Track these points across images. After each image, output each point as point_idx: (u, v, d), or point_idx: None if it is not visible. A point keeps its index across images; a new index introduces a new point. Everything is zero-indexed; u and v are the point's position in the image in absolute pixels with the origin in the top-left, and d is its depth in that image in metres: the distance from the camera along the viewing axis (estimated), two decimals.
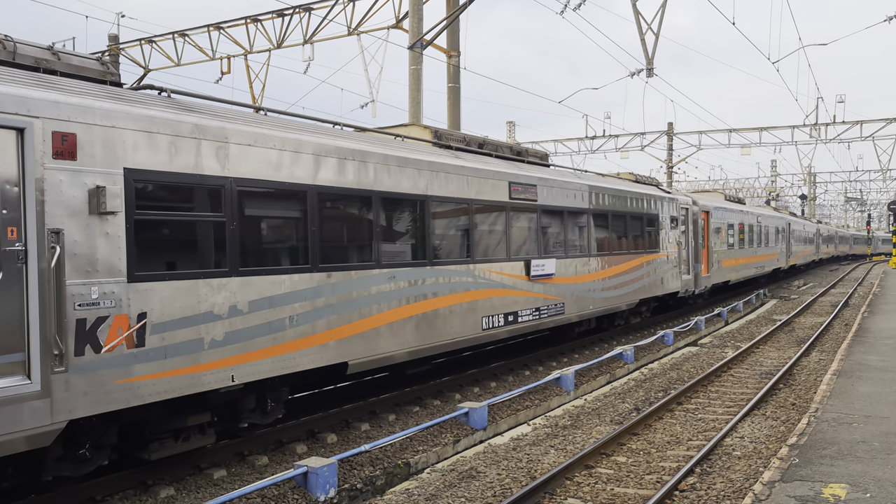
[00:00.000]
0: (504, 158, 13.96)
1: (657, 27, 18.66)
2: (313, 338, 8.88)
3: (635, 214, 18.38)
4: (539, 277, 13.73)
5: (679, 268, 21.37)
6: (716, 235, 25.64)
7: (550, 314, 14.25)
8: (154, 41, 25.98)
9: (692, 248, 22.82)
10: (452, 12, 18.20)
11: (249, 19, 23.96)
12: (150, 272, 7.15)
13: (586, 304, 15.73)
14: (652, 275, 19.24)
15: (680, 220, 21.68)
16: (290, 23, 23.25)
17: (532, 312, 13.56)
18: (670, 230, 20.75)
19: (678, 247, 21.29)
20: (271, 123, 8.84)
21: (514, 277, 13.02)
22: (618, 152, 42.81)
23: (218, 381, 7.72)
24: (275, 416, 8.95)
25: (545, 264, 13.89)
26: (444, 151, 12.02)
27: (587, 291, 15.76)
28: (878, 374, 11.67)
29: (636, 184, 20.00)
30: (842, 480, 6.66)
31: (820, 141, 39.29)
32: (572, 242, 15.18)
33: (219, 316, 7.75)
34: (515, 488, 7.71)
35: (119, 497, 7.42)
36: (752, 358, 15.88)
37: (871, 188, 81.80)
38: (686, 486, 7.64)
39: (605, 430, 10.03)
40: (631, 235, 18.05)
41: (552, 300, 14.27)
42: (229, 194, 7.94)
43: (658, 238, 19.83)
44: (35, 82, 6.50)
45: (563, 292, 14.73)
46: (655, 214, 19.74)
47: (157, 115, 7.33)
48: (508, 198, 12.94)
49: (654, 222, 19.67)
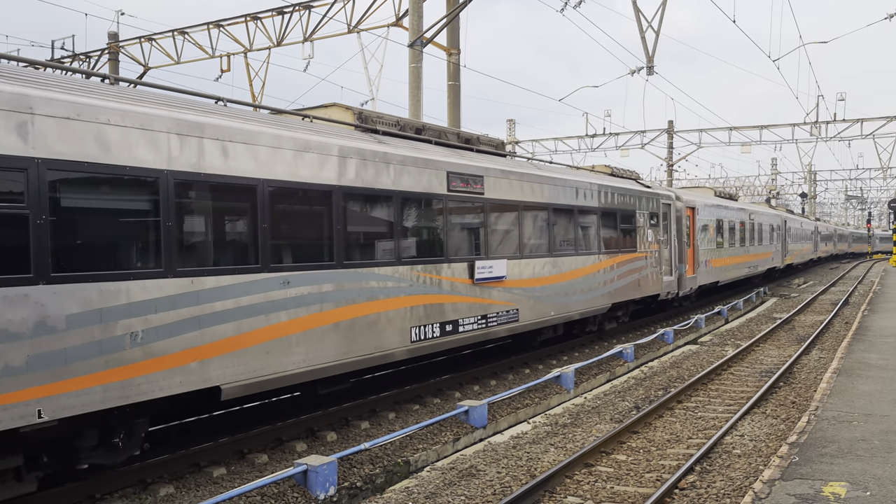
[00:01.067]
0: (447, 146, 12.47)
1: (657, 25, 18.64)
2: (168, 358, 7.27)
3: (607, 210, 16.79)
4: (486, 281, 12.24)
5: (660, 268, 19.77)
6: (703, 233, 24.19)
7: (501, 322, 12.69)
8: (154, 39, 25.95)
9: (675, 248, 21.23)
10: (452, 10, 18.17)
11: (249, 17, 23.93)
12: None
13: (546, 309, 14.15)
14: (627, 276, 17.67)
15: (661, 217, 20.09)
16: (290, 20, 23.22)
17: (477, 321, 12.06)
18: (649, 228, 19.17)
19: (659, 246, 19.75)
20: (117, 94, 7.30)
21: (455, 281, 11.50)
22: (618, 150, 42.80)
23: (15, 418, 6.04)
24: (130, 452, 7.49)
25: (494, 266, 12.41)
26: (365, 136, 10.43)
27: (548, 296, 14.18)
28: (878, 372, 11.67)
29: (611, 177, 18.44)
30: (842, 479, 6.65)
31: (820, 139, 39.27)
32: (529, 242, 13.64)
33: (17, 336, 6.09)
34: (515, 486, 7.70)
35: (118, 495, 7.42)
36: (752, 356, 15.88)
37: (871, 186, 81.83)
38: (686, 485, 7.64)
39: (605, 429, 10.03)
40: (601, 234, 16.48)
41: (503, 306, 12.73)
42: (35, 180, 6.29)
43: (635, 236, 18.26)
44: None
45: (518, 297, 13.15)
46: (631, 211, 18.13)
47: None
48: (447, 190, 11.35)
49: (630, 219, 18.09)
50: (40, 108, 6.36)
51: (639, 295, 18.50)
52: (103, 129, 6.84)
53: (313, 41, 23.11)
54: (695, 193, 25.66)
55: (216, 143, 7.90)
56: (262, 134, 8.45)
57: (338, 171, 9.47)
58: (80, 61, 27.36)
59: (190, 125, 7.64)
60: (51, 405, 6.29)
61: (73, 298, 6.52)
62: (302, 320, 8.81)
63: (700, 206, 24.05)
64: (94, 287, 6.68)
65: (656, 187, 21.10)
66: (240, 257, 8.15)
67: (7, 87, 6.18)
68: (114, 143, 6.92)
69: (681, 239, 21.76)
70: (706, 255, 24.59)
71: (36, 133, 6.33)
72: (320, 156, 9.22)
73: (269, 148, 8.51)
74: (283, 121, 9.21)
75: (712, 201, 25.96)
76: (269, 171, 8.49)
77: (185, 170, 7.56)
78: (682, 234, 21.87)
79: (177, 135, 7.50)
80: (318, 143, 9.22)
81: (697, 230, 23.55)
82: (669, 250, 20.73)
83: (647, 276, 18.96)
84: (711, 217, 25.30)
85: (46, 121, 6.39)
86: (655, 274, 19.52)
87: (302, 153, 8.94)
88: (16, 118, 6.19)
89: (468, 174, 11.98)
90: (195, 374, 7.53)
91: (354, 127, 10.80)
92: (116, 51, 26.37)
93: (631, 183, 18.98)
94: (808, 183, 72.00)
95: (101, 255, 6.82)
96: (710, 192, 29.27)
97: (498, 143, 14.35)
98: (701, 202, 24.30)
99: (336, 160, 9.44)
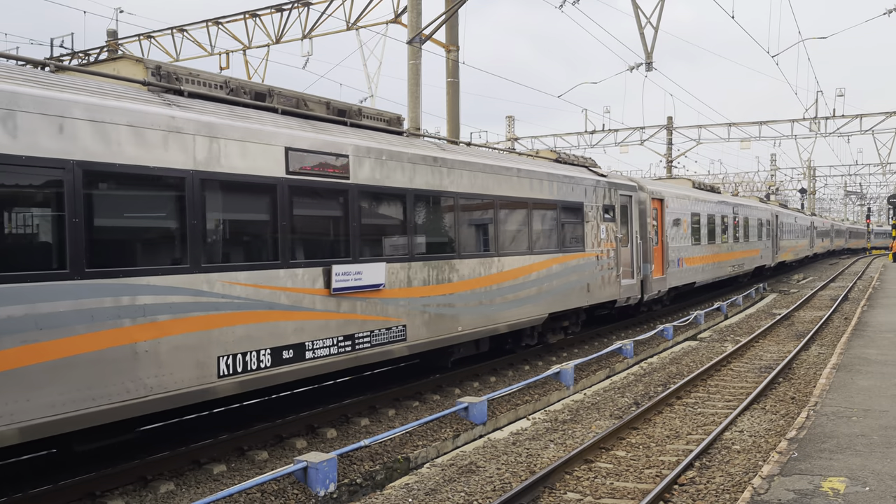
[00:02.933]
0: (307, 118, 9.94)
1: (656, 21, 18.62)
2: None
3: (543, 203, 14.18)
4: (351, 291, 9.55)
5: (616, 270, 17.17)
6: (675, 229, 21.54)
7: (379, 343, 10.05)
8: (153, 36, 25.93)
9: (637, 245, 18.56)
10: (451, 7, 18.16)
11: (248, 14, 23.91)
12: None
13: (450, 324, 11.49)
14: (571, 281, 15.07)
15: (618, 211, 17.54)
16: (289, 18, 23.20)
17: (338, 343, 9.34)
18: (602, 222, 16.62)
19: (616, 244, 17.22)
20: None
21: (299, 293, 8.79)
22: (617, 147, 42.81)
23: None
24: None
25: (364, 271, 9.75)
26: (151, 97, 7.74)
27: (453, 307, 11.54)
28: (877, 367, 11.68)
29: (555, 164, 15.88)
30: (841, 474, 6.66)
31: (819, 135, 39.28)
32: (424, 240, 11.06)
33: None
34: (515, 483, 7.72)
35: (119, 492, 7.43)
36: (751, 352, 15.89)
37: (870, 182, 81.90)
38: (685, 480, 7.65)
39: (605, 425, 10.04)
40: (534, 231, 13.88)
41: (381, 323, 10.06)
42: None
43: (582, 233, 15.68)
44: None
45: (405, 310, 10.52)
46: (577, 203, 15.50)
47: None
48: (285, 172, 8.67)
49: (576, 213, 15.48)
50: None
51: (587, 302, 15.84)
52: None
53: (312, 38, 23.09)
54: (667, 184, 23.15)
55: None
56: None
57: (79, 143, 6.73)
58: (80, 59, 27.34)
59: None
60: None
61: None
62: (5, 355, 6.09)
63: (670, 198, 21.38)
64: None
65: (614, 176, 18.51)
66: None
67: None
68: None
69: (645, 235, 19.24)
70: (679, 252, 22.00)
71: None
72: (53, 122, 6.55)
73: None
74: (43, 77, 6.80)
75: (685, 192, 23.27)
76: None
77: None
78: (646, 230, 19.32)
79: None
80: (57, 101, 6.59)
81: (667, 225, 20.98)
82: (631, 249, 18.25)
83: (600, 279, 16.38)
84: (685, 210, 22.72)
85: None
86: (611, 276, 16.91)
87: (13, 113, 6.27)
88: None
89: (323, 152, 9.26)
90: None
91: (146, 86, 8.09)
92: (115, 48, 26.34)
93: (579, 171, 16.35)
94: (807, 179, 72.03)
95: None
96: (687, 182, 26.80)
97: (391, 117, 11.64)
98: (671, 193, 21.57)
99: (83, 128, 6.77)
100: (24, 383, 6.20)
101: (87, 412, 6.67)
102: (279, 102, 9.74)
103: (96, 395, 6.73)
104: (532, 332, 14.88)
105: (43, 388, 6.34)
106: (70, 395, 6.53)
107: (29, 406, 6.23)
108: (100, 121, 6.92)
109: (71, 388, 6.53)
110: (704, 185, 27.63)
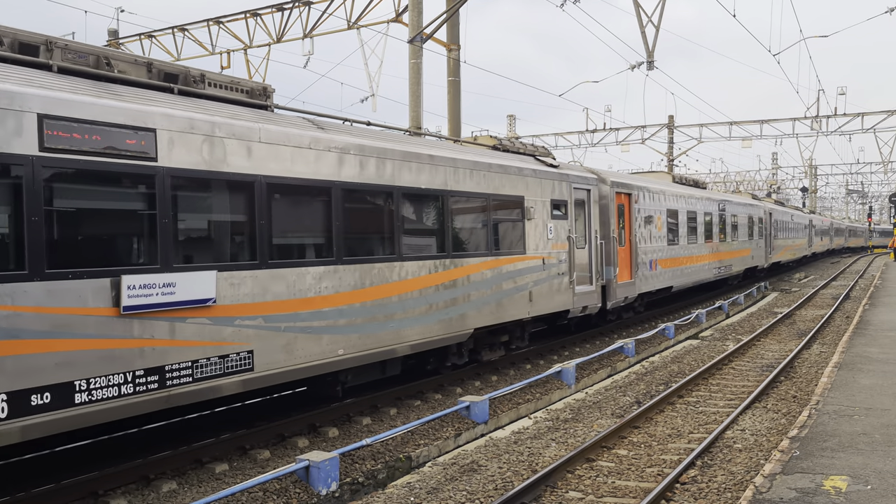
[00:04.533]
0: (103, 79, 7.54)
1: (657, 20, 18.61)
2: None
3: (464, 195, 11.83)
4: (156, 309, 7.23)
5: (569, 275, 14.84)
6: (647, 227, 19.29)
7: (207, 376, 7.73)
8: (154, 36, 25.95)
9: (597, 246, 16.26)
10: (452, 6, 18.16)
11: (249, 13, 23.92)
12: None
13: (324, 347, 9.14)
14: (504, 289, 12.74)
15: (572, 206, 15.20)
16: (290, 17, 23.21)
17: (136, 380, 7.07)
18: (551, 220, 14.35)
19: (569, 244, 14.91)
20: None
21: (64, 314, 6.51)
22: (618, 145, 42.79)
23: None
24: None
25: (179, 283, 7.45)
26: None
27: (327, 325, 9.19)
28: (879, 366, 11.68)
29: (492, 151, 13.61)
30: (843, 473, 6.66)
31: (821, 133, 39.25)
32: (283, 241, 8.73)
33: None
34: (517, 481, 7.72)
35: (121, 491, 7.44)
36: (753, 351, 15.89)
37: (872, 180, 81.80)
38: (687, 479, 7.66)
39: (606, 424, 10.04)
40: (453, 229, 11.58)
41: (212, 349, 7.77)
42: None
43: (522, 233, 13.33)
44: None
45: (252, 331, 8.22)
46: (515, 198, 13.15)
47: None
48: (38, 148, 6.43)
49: (514, 209, 13.14)
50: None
51: (529, 313, 13.54)
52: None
53: (313, 37, 23.10)
54: (638, 178, 20.80)
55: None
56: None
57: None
58: None
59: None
60: None
61: None
62: None
63: (640, 193, 18.97)
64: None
65: (570, 167, 16.26)
66: None
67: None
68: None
69: (609, 235, 16.99)
70: (652, 253, 19.66)
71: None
72: None
73: None
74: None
75: (662, 187, 20.92)
76: None
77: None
78: (609, 229, 17.02)
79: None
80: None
81: (637, 223, 18.72)
82: (589, 250, 16.01)
83: (546, 286, 14.05)
84: (658, 207, 20.26)
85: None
86: (562, 283, 14.58)
87: None
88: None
89: (110, 124, 6.98)
90: None
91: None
92: (116, 48, 26.36)
93: (523, 160, 14.03)
94: (808, 177, 71.98)
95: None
96: (667, 177, 24.63)
97: (252, 87, 9.21)
98: (641, 188, 19.12)
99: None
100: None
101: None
102: (65, 59, 7.33)
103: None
104: (460, 350, 12.62)
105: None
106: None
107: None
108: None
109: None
110: (687, 179, 25.70)
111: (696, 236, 23.65)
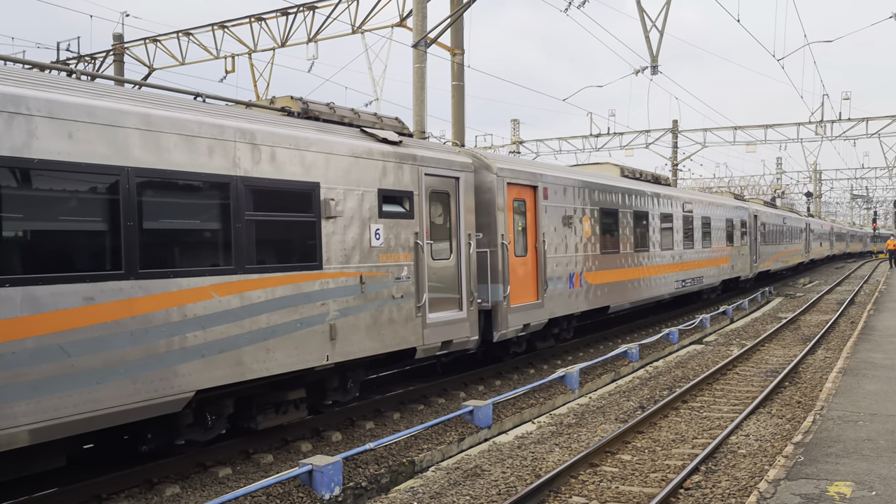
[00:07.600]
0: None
1: (662, 25, 18.62)
2: None
3: (178, 176, 7.46)
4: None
5: (416, 298, 10.66)
6: (566, 230, 14.90)
7: None
8: (159, 40, 26.03)
9: (469, 257, 11.90)
10: (456, 10, 18.18)
11: (254, 18, 23.99)
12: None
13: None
14: (270, 325, 8.35)
15: (424, 200, 10.94)
16: (295, 21, 23.27)
17: None
18: (379, 220, 10.07)
19: (414, 254, 10.68)
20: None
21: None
22: (622, 150, 42.78)
23: None
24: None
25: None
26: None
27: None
28: (884, 372, 11.64)
29: (282, 117, 9.42)
30: (847, 478, 6.64)
31: (826, 138, 39.17)
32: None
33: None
34: (520, 487, 7.71)
35: (124, 495, 7.45)
36: (757, 356, 15.85)
37: (877, 185, 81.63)
38: (691, 485, 7.63)
39: (610, 429, 10.02)
40: (146, 232, 7.16)
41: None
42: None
43: (315, 239, 9.06)
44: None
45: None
46: (304, 185, 8.89)
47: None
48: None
49: (299, 203, 8.84)
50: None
51: (328, 359, 9.12)
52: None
53: (317, 42, 23.15)
54: (550, 167, 16.12)
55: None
56: None
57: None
58: (86, 63, 27.46)
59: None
60: None
61: None
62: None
63: (552, 186, 14.52)
64: None
65: (426, 144, 11.91)
66: None
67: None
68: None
69: (494, 240, 12.69)
70: (574, 265, 15.22)
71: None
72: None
73: None
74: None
75: (588, 179, 16.31)
76: None
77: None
78: (496, 233, 12.70)
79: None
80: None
81: (547, 225, 14.25)
82: (457, 262, 11.75)
83: (367, 316, 9.77)
84: (583, 204, 15.72)
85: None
86: (400, 310, 10.38)
87: None
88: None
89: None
90: None
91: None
92: (121, 52, 26.45)
93: (328, 131, 9.60)
94: (813, 182, 71.87)
95: None
96: (614, 169, 19.95)
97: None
98: (552, 178, 14.62)
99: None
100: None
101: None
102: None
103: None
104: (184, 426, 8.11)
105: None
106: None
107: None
108: None
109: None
110: (645, 173, 21.14)
111: (647, 243, 19.24)
